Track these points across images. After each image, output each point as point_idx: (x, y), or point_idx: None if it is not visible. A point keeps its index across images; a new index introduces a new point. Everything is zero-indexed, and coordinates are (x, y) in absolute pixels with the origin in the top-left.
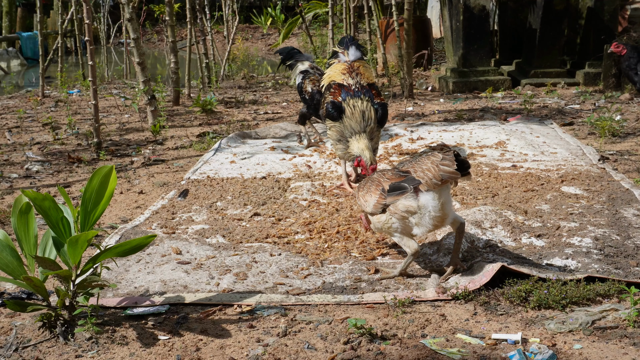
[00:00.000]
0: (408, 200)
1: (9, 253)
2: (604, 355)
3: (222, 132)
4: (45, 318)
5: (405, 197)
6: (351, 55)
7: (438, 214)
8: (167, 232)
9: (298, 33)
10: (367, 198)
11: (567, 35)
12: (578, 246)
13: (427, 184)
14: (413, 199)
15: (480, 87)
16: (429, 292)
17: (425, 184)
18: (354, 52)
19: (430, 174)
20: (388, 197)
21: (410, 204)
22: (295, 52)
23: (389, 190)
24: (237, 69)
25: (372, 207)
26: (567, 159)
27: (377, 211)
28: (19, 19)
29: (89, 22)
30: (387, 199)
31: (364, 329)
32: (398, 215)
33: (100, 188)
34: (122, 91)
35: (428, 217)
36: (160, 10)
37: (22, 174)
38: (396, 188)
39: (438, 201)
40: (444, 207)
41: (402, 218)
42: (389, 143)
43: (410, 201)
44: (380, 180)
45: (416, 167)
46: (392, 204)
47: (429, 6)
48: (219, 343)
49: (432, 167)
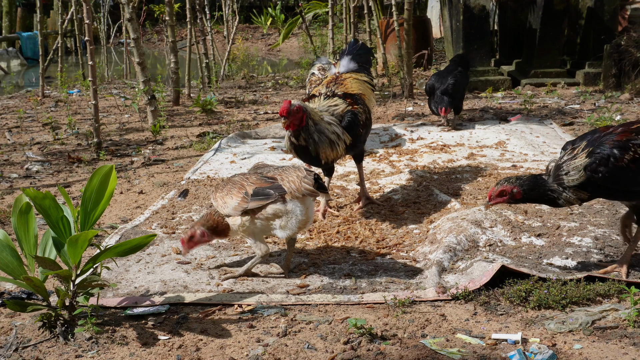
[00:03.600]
0: (277, 205)
1: (9, 253)
2: (604, 355)
3: (222, 132)
4: (45, 318)
5: (275, 202)
6: (342, 67)
7: (303, 218)
8: (167, 232)
9: (298, 33)
10: (226, 200)
11: (567, 35)
12: (578, 246)
13: (291, 194)
14: (281, 204)
15: (480, 87)
16: (429, 292)
17: (289, 194)
18: (347, 64)
19: (294, 185)
20: (251, 201)
21: (280, 208)
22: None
23: (253, 195)
24: (237, 69)
25: (232, 209)
26: None
27: (236, 214)
28: (19, 19)
29: (89, 22)
30: (250, 202)
31: (364, 329)
32: (263, 217)
33: (100, 188)
34: (122, 91)
35: (295, 220)
36: (160, 10)
37: (22, 174)
38: (260, 194)
39: (304, 208)
40: (308, 212)
41: (267, 220)
42: (389, 143)
43: (279, 206)
44: (243, 184)
45: (283, 177)
46: (257, 207)
47: (429, 6)
48: (219, 343)
49: (297, 180)
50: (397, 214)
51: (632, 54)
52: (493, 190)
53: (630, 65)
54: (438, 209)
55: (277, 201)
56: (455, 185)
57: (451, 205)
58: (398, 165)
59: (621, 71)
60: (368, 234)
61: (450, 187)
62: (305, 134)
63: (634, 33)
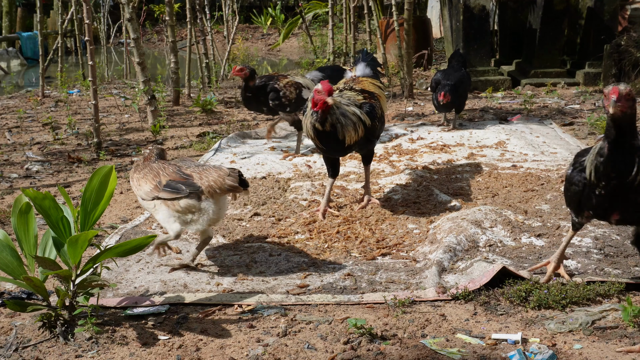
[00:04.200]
0: (192, 201)
1: (9, 253)
2: (604, 355)
3: (222, 132)
4: (45, 318)
5: (189, 197)
6: (359, 71)
7: (214, 217)
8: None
9: (298, 33)
10: (141, 183)
11: (567, 35)
12: (578, 246)
13: (208, 192)
14: (196, 201)
15: (480, 87)
16: (429, 292)
17: (206, 192)
18: (363, 69)
19: (215, 184)
20: (162, 191)
21: (194, 204)
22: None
23: (165, 186)
24: None
25: (144, 194)
26: (567, 159)
27: (148, 198)
28: (19, 19)
29: (89, 22)
30: (161, 192)
31: (364, 329)
32: (174, 209)
33: (100, 188)
34: (122, 91)
35: (206, 218)
36: (160, 10)
37: (22, 174)
38: (172, 187)
39: (217, 208)
40: (220, 212)
41: (178, 212)
42: (389, 143)
43: (194, 202)
44: (159, 173)
45: (202, 175)
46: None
47: (429, 6)
48: (219, 343)
49: (219, 179)
50: (397, 214)
51: (632, 54)
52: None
53: (630, 65)
54: (438, 209)
55: (191, 197)
56: (455, 185)
57: (451, 205)
58: (398, 165)
59: (621, 71)
60: (368, 234)
61: (450, 187)
62: (332, 118)
63: (634, 33)
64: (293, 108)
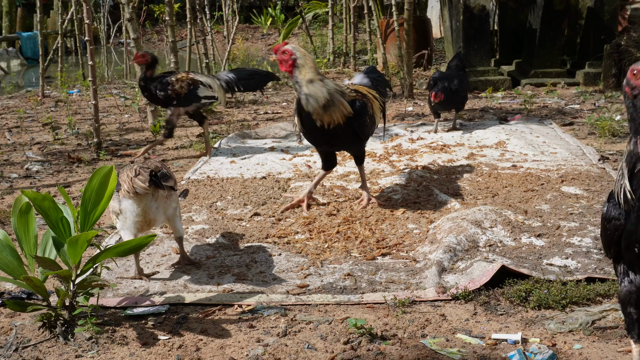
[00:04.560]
0: (113, 202)
1: (9, 253)
2: (604, 355)
3: (222, 132)
4: (45, 318)
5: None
6: (355, 79)
7: (138, 219)
8: (167, 232)
9: (298, 33)
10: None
11: (567, 35)
12: (578, 246)
13: (124, 193)
14: (117, 201)
15: (480, 87)
16: (429, 292)
17: (123, 192)
18: (360, 79)
19: (126, 185)
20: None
21: (114, 205)
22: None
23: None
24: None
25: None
26: (567, 159)
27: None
28: (19, 19)
29: (89, 22)
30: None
31: (364, 329)
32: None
33: (100, 188)
34: (122, 91)
35: (131, 220)
36: (160, 10)
37: (22, 174)
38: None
39: (138, 207)
40: (146, 213)
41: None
42: (389, 143)
43: (114, 203)
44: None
45: (121, 176)
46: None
47: (429, 6)
48: (219, 343)
49: (127, 180)
50: (397, 214)
51: (632, 54)
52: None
53: (630, 65)
54: (438, 209)
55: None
56: (455, 185)
57: (451, 205)
58: (398, 165)
59: (621, 71)
60: (368, 234)
61: (450, 187)
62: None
63: (634, 33)
64: (181, 103)
